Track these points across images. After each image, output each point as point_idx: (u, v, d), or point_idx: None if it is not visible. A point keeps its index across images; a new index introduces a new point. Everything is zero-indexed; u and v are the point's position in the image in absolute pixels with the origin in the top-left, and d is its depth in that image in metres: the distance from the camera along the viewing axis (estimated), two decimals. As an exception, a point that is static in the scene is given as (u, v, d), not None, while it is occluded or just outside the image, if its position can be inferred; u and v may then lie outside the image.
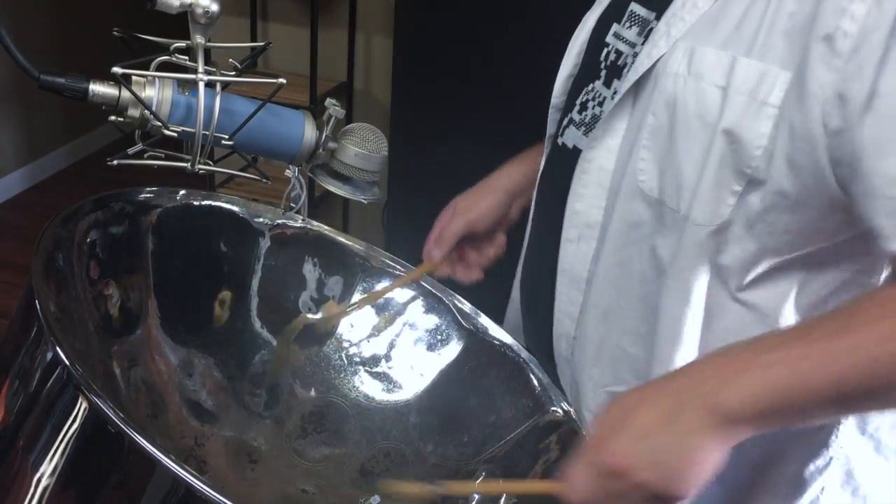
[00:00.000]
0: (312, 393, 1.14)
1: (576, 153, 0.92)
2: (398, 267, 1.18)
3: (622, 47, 0.89)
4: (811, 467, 0.89)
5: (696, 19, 0.77)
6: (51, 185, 3.74)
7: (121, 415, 0.67)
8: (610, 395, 0.94)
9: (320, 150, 0.90)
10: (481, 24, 2.15)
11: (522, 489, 0.96)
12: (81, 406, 0.70)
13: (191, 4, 0.80)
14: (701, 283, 0.82)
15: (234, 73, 0.87)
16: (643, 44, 0.85)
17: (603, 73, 0.91)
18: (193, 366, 1.07)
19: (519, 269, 1.17)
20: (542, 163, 1.08)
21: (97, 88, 0.80)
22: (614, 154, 0.86)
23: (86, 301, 0.95)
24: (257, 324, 1.14)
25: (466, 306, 1.15)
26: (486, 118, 2.16)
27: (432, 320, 1.16)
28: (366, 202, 0.97)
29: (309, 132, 0.89)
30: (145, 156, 0.86)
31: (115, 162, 0.83)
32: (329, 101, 0.91)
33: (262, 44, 0.90)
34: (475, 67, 2.19)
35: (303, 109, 0.92)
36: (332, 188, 0.94)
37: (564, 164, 0.93)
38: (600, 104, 0.91)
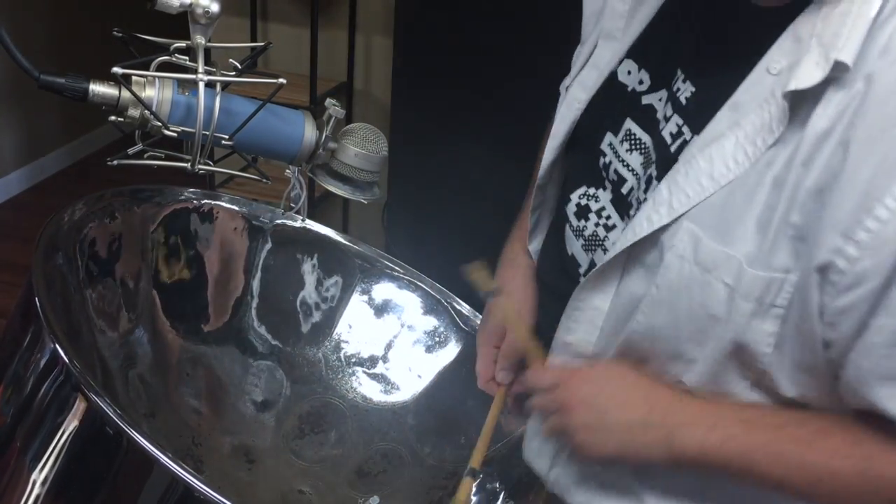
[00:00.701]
0: (310, 393, 1.14)
1: (573, 262, 0.89)
2: (397, 268, 1.18)
3: (623, 172, 0.85)
4: None
5: (700, 199, 0.74)
6: (51, 185, 3.73)
7: (119, 413, 0.67)
8: None
9: (320, 150, 0.90)
10: (481, 25, 2.15)
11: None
12: (79, 405, 0.70)
13: (191, 4, 0.80)
14: None
15: (234, 73, 0.86)
16: (645, 191, 0.81)
17: (609, 186, 0.87)
18: (192, 365, 1.07)
19: None
20: (542, 247, 1.01)
21: (97, 88, 0.80)
22: (609, 296, 0.83)
23: (85, 300, 0.95)
24: (255, 323, 1.14)
25: (465, 308, 1.15)
26: (486, 118, 2.16)
27: (430, 322, 1.16)
28: (366, 202, 0.97)
29: (309, 132, 0.89)
30: (145, 156, 0.86)
31: (115, 162, 0.83)
32: (329, 101, 0.91)
33: (262, 44, 0.90)
34: (475, 68, 2.19)
35: (303, 109, 0.92)
36: (332, 188, 0.94)
37: (564, 268, 0.91)
38: (607, 227, 0.87)
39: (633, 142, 0.85)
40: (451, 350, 1.15)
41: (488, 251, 1.17)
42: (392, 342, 1.17)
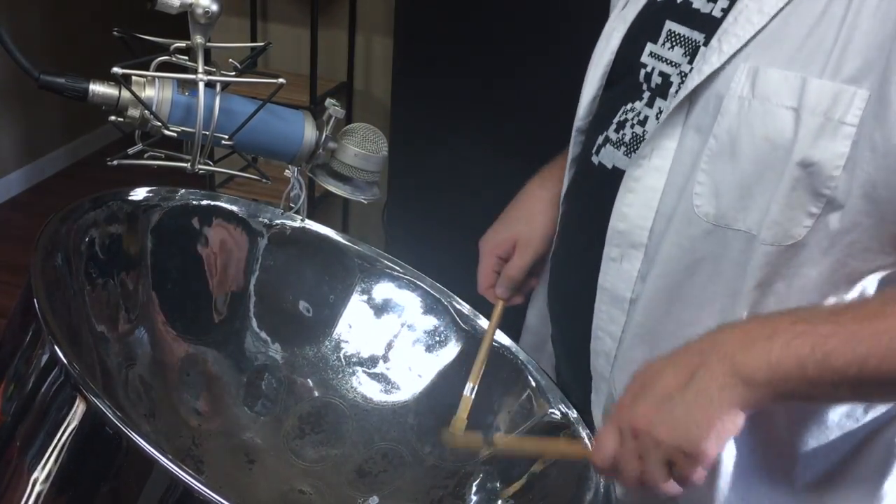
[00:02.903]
0: (310, 393, 1.14)
1: (616, 173, 0.89)
2: (397, 268, 1.18)
3: (666, 69, 0.86)
4: None
5: (751, 35, 0.75)
6: (51, 185, 3.74)
7: (118, 414, 0.66)
8: None
9: (320, 150, 0.90)
10: (481, 24, 2.15)
11: (549, 450, 0.99)
12: (79, 405, 0.70)
13: (191, 4, 0.80)
14: (771, 303, 0.79)
15: (234, 73, 0.87)
16: (690, 62, 0.82)
17: (646, 94, 0.88)
18: (192, 365, 1.07)
19: (537, 290, 1.16)
20: (568, 181, 1.04)
21: (97, 88, 0.80)
22: (664, 174, 0.83)
23: (84, 300, 0.95)
24: (255, 323, 1.14)
25: (465, 308, 1.15)
26: (486, 118, 2.16)
27: (430, 321, 1.16)
28: (366, 202, 0.97)
29: (309, 132, 0.89)
30: (145, 156, 0.86)
31: (115, 162, 0.83)
32: (329, 101, 0.91)
33: (262, 44, 0.90)
34: (475, 67, 2.19)
35: (303, 109, 0.92)
36: (332, 188, 0.94)
37: (602, 183, 0.91)
38: (641, 123, 0.88)
39: (674, 39, 0.85)
40: (452, 349, 1.15)
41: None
42: (392, 342, 1.17)
